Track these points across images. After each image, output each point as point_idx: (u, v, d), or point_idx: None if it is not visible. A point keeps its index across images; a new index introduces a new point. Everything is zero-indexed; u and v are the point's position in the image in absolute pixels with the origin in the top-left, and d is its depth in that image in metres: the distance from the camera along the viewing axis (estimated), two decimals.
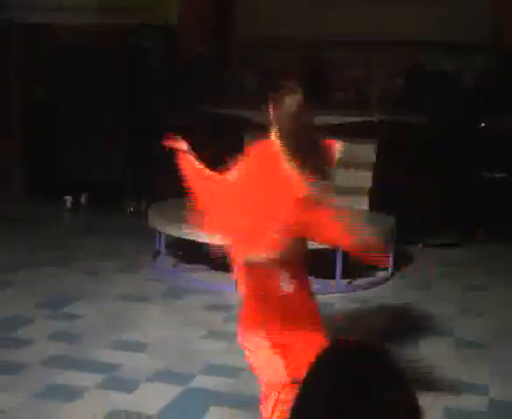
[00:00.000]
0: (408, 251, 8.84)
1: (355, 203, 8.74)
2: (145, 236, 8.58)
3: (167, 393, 5.17)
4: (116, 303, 6.98)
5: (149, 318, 6.65)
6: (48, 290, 7.24)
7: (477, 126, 9.63)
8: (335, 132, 9.41)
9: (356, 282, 7.74)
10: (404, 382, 1.50)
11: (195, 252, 7.88)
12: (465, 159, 9.49)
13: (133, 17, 11.23)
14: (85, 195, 10.78)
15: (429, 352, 6.03)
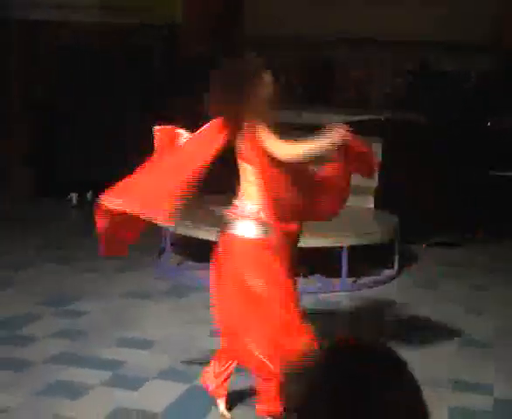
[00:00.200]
0: (412, 251, 8.84)
1: (360, 202, 8.74)
2: (149, 233, 8.56)
3: (171, 391, 5.17)
4: (120, 300, 6.99)
5: (154, 315, 6.65)
6: (52, 287, 7.25)
7: (479, 125, 9.62)
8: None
9: (362, 280, 7.73)
10: (408, 382, 1.50)
11: (200, 250, 7.87)
12: (468, 158, 9.47)
13: (134, 17, 11.23)
14: (89, 192, 10.80)
15: (433, 351, 6.04)
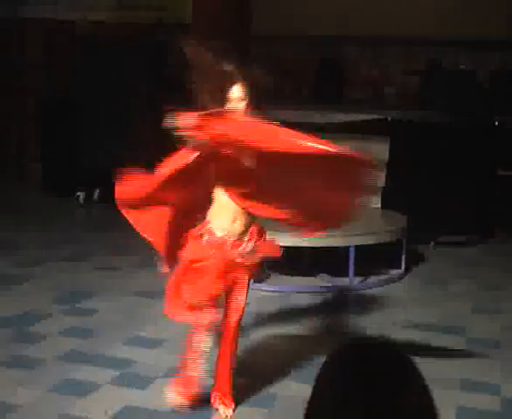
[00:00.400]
0: (420, 250, 8.84)
1: (367, 202, 8.75)
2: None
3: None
4: (132, 299, 7.02)
5: (164, 315, 6.66)
6: (64, 285, 7.28)
7: (492, 123, 9.61)
8: (347, 129, 9.47)
9: (369, 280, 7.75)
10: (420, 382, 1.51)
11: None
12: (479, 157, 9.47)
13: (150, 15, 11.27)
14: (97, 191, 10.82)
15: (441, 351, 6.05)
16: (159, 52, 11.04)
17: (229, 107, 4.56)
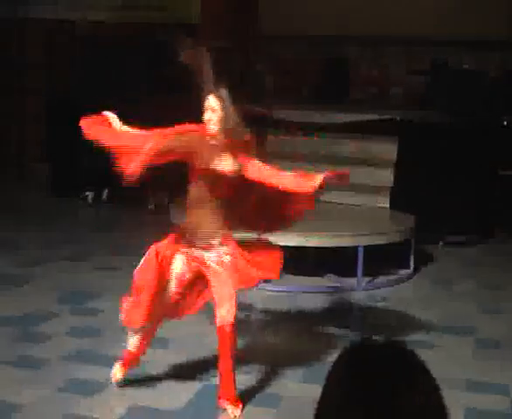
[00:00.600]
0: (428, 250, 8.80)
1: (375, 202, 8.73)
2: (167, 232, 8.58)
3: (187, 389, 5.18)
4: None
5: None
6: (69, 285, 7.27)
7: (497, 123, 9.57)
8: (355, 130, 9.45)
9: (378, 280, 7.71)
10: (430, 382, 1.49)
11: None
12: (485, 157, 9.43)
13: (154, 15, 11.26)
14: (106, 190, 10.82)
15: (448, 351, 6.01)
16: (159, 52, 11.03)
17: (205, 116, 4.73)
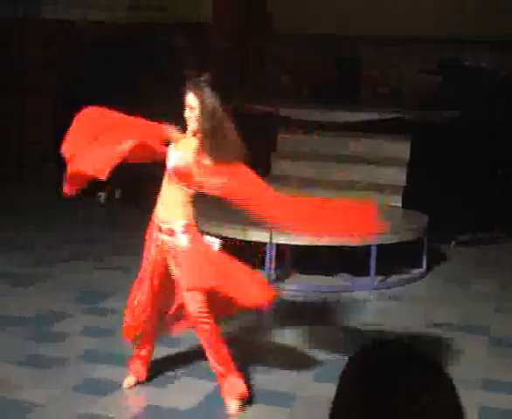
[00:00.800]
0: (441, 249, 8.78)
1: (388, 201, 8.70)
2: None
3: (200, 388, 5.18)
4: None
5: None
6: (83, 285, 7.29)
7: (508, 123, 9.53)
8: (368, 128, 9.44)
9: (390, 279, 7.70)
10: (445, 382, 1.48)
11: (228, 249, 7.87)
12: (500, 156, 9.40)
13: (154, 15, 11.28)
14: (118, 190, 10.83)
15: (463, 350, 6.00)
16: (159, 52, 11.05)
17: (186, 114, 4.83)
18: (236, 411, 4.86)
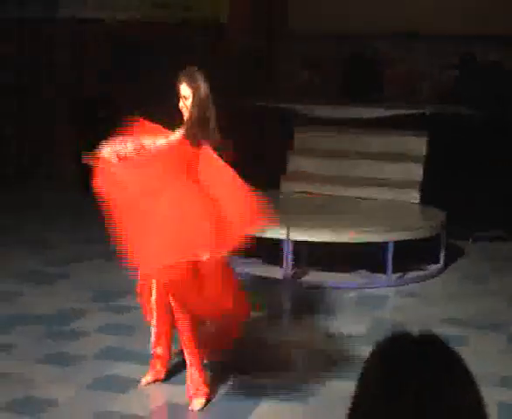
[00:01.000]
0: (459, 245, 8.75)
1: (405, 197, 8.69)
2: None
3: (219, 386, 5.18)
4: None
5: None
6: (100, 283, 7.31)
7: None
8: (385, 124, 9.41)
9: (408, 275, 7.68)
10: (467, 376, 1.47)
11: (247, 245, 7.87)
12: None
13: (181, 13, 11.29)
14: None
15: (480, 347, 5.98)
16: (191, 51, 11.05)
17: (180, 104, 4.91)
18: (198, 409, 4.87)
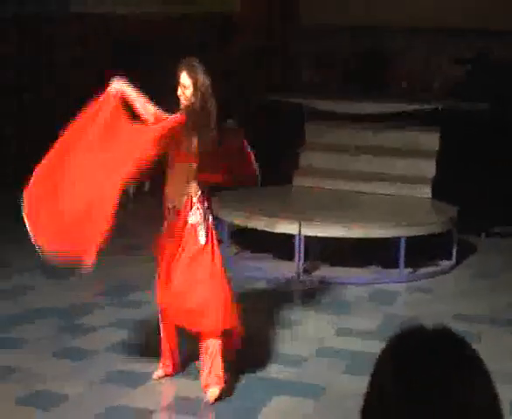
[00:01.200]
0: (471, 241, 8.72)
1: (417, 192, 8.67)
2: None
3: (231, 380, 5.19)
4: None
5: None
6: (112, 278, 7.32)
7: None
8: (397, 120, 9.39)
9: (420, 271, 7.67)
10: (482, 371, 1.46)
11: (257, 240, 7.89)
12: None
13: (192, 8, 11.29)
14: (147, 183, 10.86)
15: (493, 342, 5.96)
16: (201, 46, 11.05)
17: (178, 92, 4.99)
18: (213, 399, 4.90)
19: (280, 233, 7.41)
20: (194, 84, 4.92)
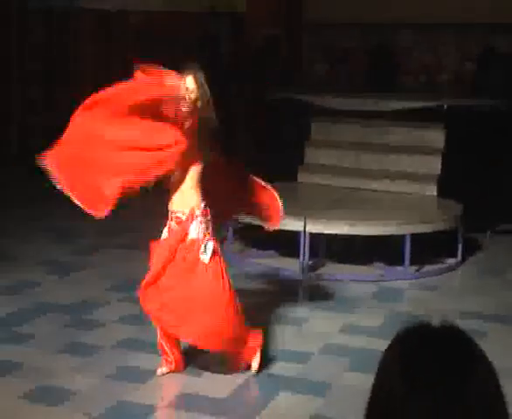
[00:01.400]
0: (476, 239, 8.73)
1: (423, 190, 8.67)
2: None
3: (236, 377, 5.21)
4: None
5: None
6: (120, 273, 7.35)
7: None
8: (403, 117, 9.39)
9: (425, 269, 7.68)
10: (488, 368, 1.47)
11: (262, 238, 7.90)
12: None
13: (202, 4, 11.30)
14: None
15: (500, 339, 5.97)
16: (212, 42, 11.06)
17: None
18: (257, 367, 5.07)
19: (285, 230, 7.42)
20: (199, 87, 5.01)
